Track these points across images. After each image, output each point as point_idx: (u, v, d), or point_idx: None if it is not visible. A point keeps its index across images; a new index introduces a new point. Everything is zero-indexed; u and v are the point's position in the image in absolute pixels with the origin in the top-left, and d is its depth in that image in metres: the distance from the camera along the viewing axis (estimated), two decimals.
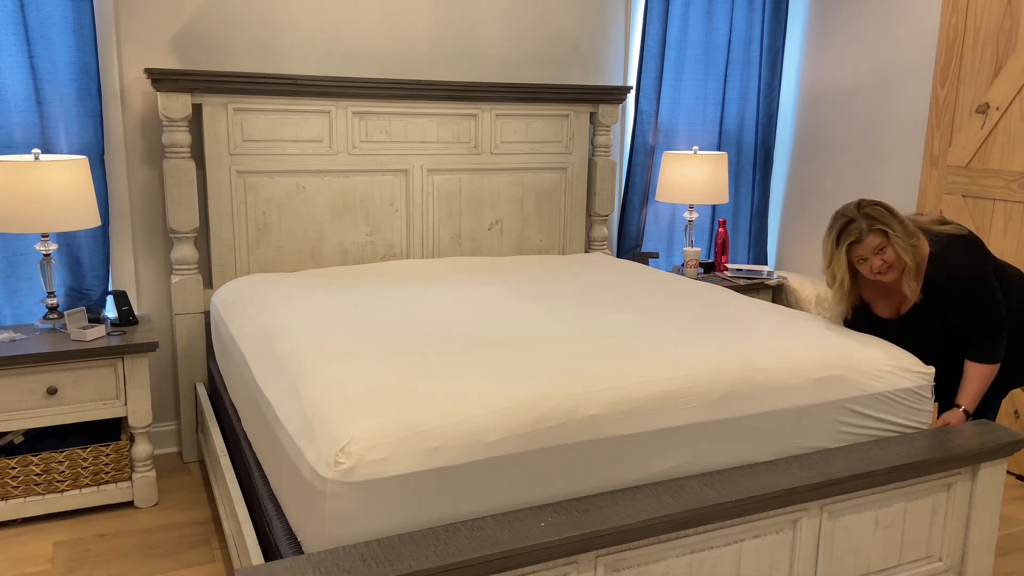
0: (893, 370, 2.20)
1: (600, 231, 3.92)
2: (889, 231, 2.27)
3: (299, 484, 1.70)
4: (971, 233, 2.40)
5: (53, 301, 2.92)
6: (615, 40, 3.92)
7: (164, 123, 3.02)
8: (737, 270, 4.00)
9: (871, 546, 2.07)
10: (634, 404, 1.87)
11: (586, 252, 3.93)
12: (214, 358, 3.10)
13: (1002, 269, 2.43)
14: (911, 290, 2.33)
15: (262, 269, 3.27)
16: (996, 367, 2.37)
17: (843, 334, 2.34)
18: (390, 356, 2.04)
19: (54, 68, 2.88)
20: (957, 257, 2.32)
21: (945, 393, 2.45)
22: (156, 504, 2.91)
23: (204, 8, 3.16)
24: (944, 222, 2.43)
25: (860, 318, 2.50)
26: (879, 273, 2.32)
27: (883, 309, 2.48)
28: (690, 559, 1.82)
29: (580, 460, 1.81)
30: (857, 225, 2.28)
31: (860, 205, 2.31)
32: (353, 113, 3.31)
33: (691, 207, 3.98)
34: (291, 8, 3.29)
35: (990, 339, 2.35)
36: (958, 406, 2.38)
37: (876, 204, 2.31)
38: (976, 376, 2.37)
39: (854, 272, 2.37)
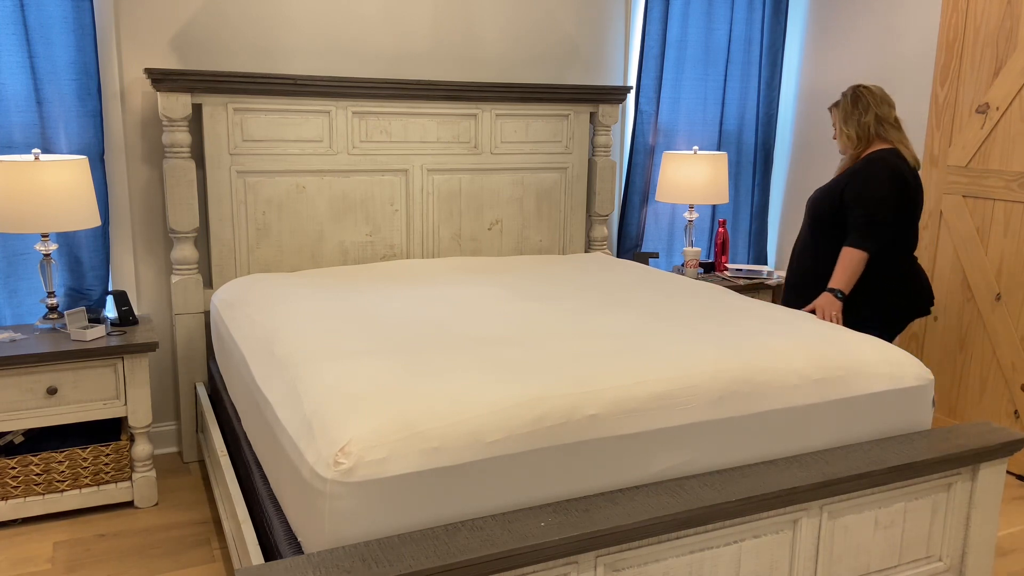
0: (893, 371, 2.20)
1: (600, 231, 3.92)
2: (838, 115, 2.83)
3: (299, 484, 1.70)
4: (905, 169, 2.73)
5: (53, 301, 2.92)
6: (615, 40, 3.92)
7: (164, 123, 3.02)
8: (737, 270, 4.00)
9: (871, 546, 2.07)
10: (634, 404, 1.87)
11: (586, 252, 3.93)
12: (214, 358, 3.11)
13: (909, 222, 2.78)
14: (841, 167, 2.89)
15: (262, 269, 3.27)
16: (863, 256, 2.71)
17: (843, 334, 2.34)
18: (390, 356, 2.04)
19: (54, 68, 2.88)
20: (875, 165, 2.73)
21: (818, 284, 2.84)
22: (156, 504, 2.91)
23: (204, 8, 3.16)
24: (907, 151, 2.78)
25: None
26: (834, 135, 2.92)
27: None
28: (690, 559, 1.82)
29: (580, 460, 1.81)
30: (840, 98, 2.87)
31: (865, 86, 2.81)
32: (353, 113, 3.31)
33: (691, 207, 3.98)
34: (291, 8, 3.29)
35: (864, 227, 2.70)
36: (831, 289, 2.73)
37: (866, 92, 2.80)
38: (844, 260, 2.73)
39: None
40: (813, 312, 2.75)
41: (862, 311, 2.79)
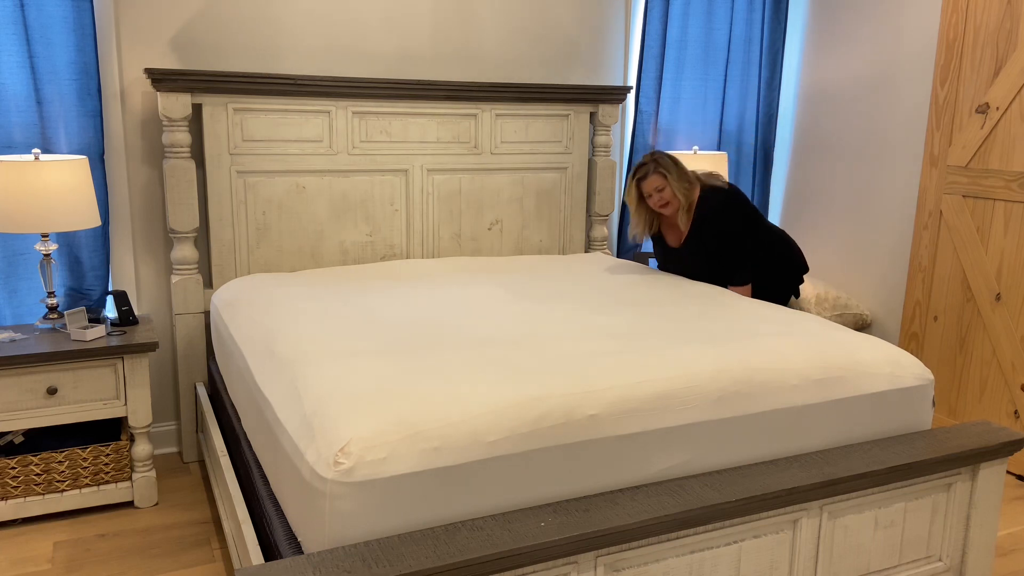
0: (893, 371, 2.20)
1: (600, 231, 3.92)
2: (668, 175, 3.06)
3: (299, 484, 1.70)
4: (732, 187, 3.16)
5: (53, 301, 2.92)
6: (615, 40, 3.92)
7: (164, 123, 3.02)
8: None
9: (871, 546, 2.07)
10: (634, 404, 1.87)
11: (586, 252, 3.93)
12: (214, 358, 3.11)
13: (759, 216, 3.21)
14: (683, 223, 3.15)
15: (262, 269, 3.27)
16: (748, 287, 3.16)
17: (843, 335, 2.34)
18: (390, 356, 2.04)
19: (54, 68, 2.88)
20: (715, 202, 3.10)
21: None
22: (156, 504, 2.91)
23: (204, 8, 3.16)
24: (714, 177, 3.18)
25: (657, 246, 3.34)
26: (661, 207, 3.13)
27: (671, 240, 3.26)
28: (690, 559, 1.82)
29: (580, 460, 1.81)
30: (647, 167, 3.10)
31: (653, 154, 3.11)
32: (353, 113, 3.31)
33: None
34: (291, 8, 3.29)
35: (738, 268, 3.15)
36: None
37: (666, 155, 3.10)
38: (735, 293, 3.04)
39: (645, 203, 3.17)
40: None
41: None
